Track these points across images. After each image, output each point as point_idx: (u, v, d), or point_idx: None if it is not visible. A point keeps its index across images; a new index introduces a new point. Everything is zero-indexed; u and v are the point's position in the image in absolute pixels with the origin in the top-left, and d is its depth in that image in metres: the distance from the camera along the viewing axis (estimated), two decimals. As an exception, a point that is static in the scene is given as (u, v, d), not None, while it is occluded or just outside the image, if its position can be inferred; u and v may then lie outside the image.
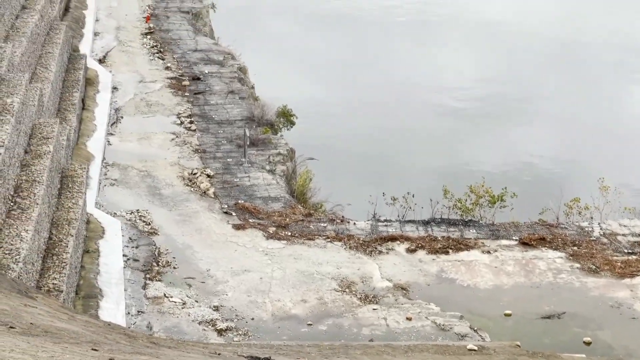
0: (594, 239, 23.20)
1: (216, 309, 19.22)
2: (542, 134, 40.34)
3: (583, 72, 48.62)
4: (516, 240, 22.91)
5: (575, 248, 22.54)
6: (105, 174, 25.28)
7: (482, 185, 24.83)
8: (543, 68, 49.20)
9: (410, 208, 24.23)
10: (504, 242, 22.85)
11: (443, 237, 22.93)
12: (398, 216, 24.14)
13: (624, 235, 23.49)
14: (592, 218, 24.33)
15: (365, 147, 37.69)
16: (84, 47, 33.99)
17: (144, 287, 19.80)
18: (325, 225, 23.47)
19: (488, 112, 42.54)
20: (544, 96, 44.69)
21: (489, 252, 22.25)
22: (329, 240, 22.59)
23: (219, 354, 11.13)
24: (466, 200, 24.46)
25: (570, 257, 22.07)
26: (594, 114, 42.16)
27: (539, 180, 34.85)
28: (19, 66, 21.68)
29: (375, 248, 22.23)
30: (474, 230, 23.44)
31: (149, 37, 37.32)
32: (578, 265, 21.74)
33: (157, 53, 35.43)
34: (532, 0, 63.16)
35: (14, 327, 9.23)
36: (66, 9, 37.15)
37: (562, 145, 39.18)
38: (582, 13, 59.76)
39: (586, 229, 23.77)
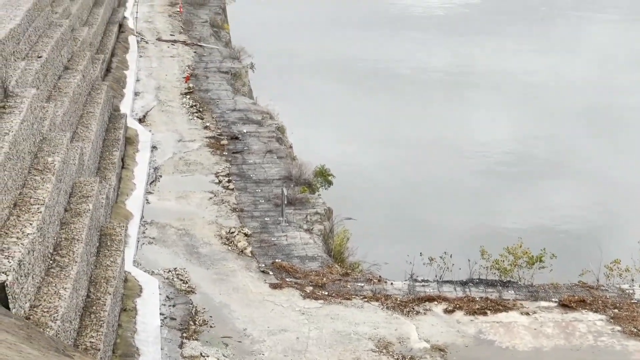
0: (635, 301, 22.86)
1: (252, 368, 19.12)
2: (580, 193, 40.09)
3: (619, 131, 48.47)
4: (556, 302, 22.63)
5: (616, 311, 22.22)
6: (144, 232, 25.42)
7: (520, 246, 24.62)
8: (578, 127, 49.12)
9: (447, 268, 24.07)
10: (544, 303, 22.58)
11: (481, 297, 22.72)
12: (435, 276, 23.97)
13: (665, 297, 23.16)
14: (633, 280, 23.99)
15: (403, 205, 37.67)
16: (125, 107, 34.48)
17: (181, 346, 19.76)
18: (362, 285, 23.36)
19: (524, 171, 42.46)
20: (580, 155, 44.57)
21: (528, 313, 21.98)
22: (366, 300, 22.46)
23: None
24: (503, 261, 24.26)
25: (611, 320, 21.75)
26: (632, 174, 41.86)
27: (578, 240, 34.55)
28: (61, 125, 21.98)
29: (413, 308, 22.06)
30: (513, 292, 23.21)
31: (188, 96, 37.76)
32: (619, 328, 21.41)
33: (196, 113, 35.79)
34: (567, 60, 63.35)
35: (51, 386, 9.23)
36: (108, 70, 37.78)
37: (601, 206, 38.89)
38: (617, 72, 59.79)
39: (627, 291, 23.44)
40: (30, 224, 14.79)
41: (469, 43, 68.63)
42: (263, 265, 23.90)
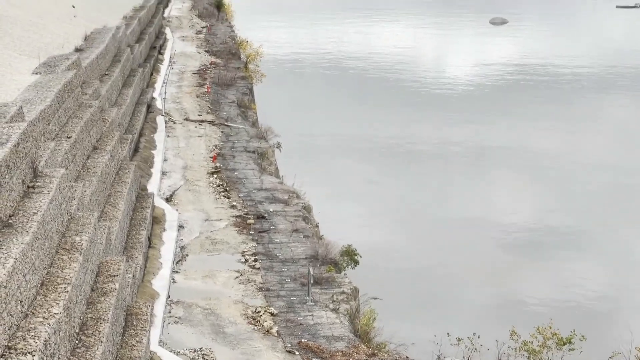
0: (667, 383, 22.45)
1: None
2: (605, 270, 39.84)
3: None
4: (586, 383, 22.27)
5: (647, 393, 21.83)
6: (170, 312, 25.36)
7: (550, 327, 24.32)
8: (599, 201, 49.03)
9: (475, 349, 23.79)
10: (573, 385, 22.22)
11: (510, 379, 22.40)
12: (463, 357, 23.69)
13: (698, 379, 22.73)
14: (664, 362, 23.60)
15: (429, 283, 37.52)
16: (152, 186, 34.70)
17: None
18: (389, 365, 23.12)
19: (547, 247, 42.32)
20: (603, 231, 44.39)
21: (557, 395, 21.63)
22: (393, 381, 22.20)
23: None
24: (532, 342, 23.95)
25: (643, 402, 21.35)
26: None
27: (606, 320, 34.15)
28: (89, 205, 22.14)
29: (441, 390, 21.76)
30: (542, 373, 22.87)
31: (215, 176, 37.95)
32: (651, 411, 21.01)
33: (223, 192, 35.93)
34: (587, 137, 63.53)
35: None
36: (136, 149, 38.15)
37: (629, 285, 38.54)
38: (636, 149, 59.93)
39: (659, 373, 23.04)
40: (57, 304, 14.80)
41: (489, 120, 69.06)
42: (289, 345, 23.72)
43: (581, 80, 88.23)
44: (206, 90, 55.37)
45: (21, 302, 14.02)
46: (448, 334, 24.21)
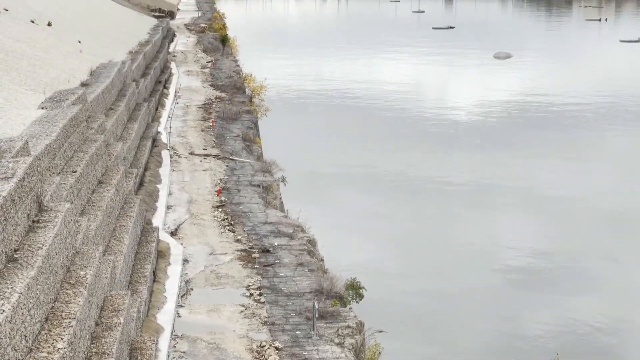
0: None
1: None
2: (610, 303, 39.75)
3: None
4: (593, 418, 22.13)
5: None
6: (174, 347, 25.27)
7: (557, 361, 24.25)
8: (603, 233, 49.05)
9: (481, 384, 23.71)
10: (581, 420, 22.08)
11: (516, 414, 22.26)
12: (469, 392, 23.58)
13: None
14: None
15: (433, 316, 37.43)
16: (157, 220, 34.72)
17: None
18: (394, 400, 22.98)
19: (552, 280, 42.32)
20: (608, 263, 44.38)
21: None
22: (398, 416, 22.07)
23: None
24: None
25: None
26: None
27: (612, 355, 34.00)
28: (94, 239, 22.15)
29: None
30: (549, 408, 22.73)
31: (220, 210, 37.96)
32: None
33: (228, 226, 35.92)
34: (587, 166, 63.68)
35: None
36: (141, 183, 38.22)
37: (634, 318, 38.44)
38: (636, 181, 60.12)
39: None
40: (62, 339, 14.78)
41: (493, 153, 69.22)
42: (294, 380, 23.62)
43: (585, 113, 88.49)
44: (211, 124, 55.53)
45: (25, 336, 14.01)
46: (453, 368, 24.15)
